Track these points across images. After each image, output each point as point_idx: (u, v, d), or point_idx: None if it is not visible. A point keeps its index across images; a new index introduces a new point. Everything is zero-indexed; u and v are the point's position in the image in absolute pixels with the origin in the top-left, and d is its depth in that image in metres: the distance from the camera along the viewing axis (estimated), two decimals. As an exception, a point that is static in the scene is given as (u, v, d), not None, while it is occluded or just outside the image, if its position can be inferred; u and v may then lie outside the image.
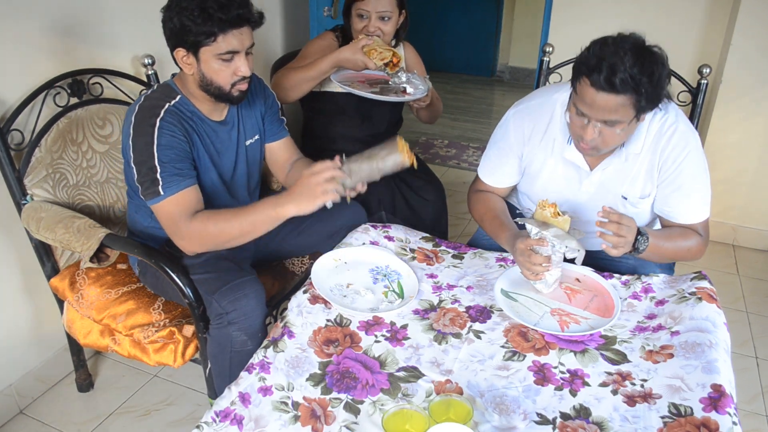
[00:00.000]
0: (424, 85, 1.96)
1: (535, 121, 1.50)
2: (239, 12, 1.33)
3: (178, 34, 1.34)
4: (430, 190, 2.16)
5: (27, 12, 1.63)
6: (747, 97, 2.54)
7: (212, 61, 1.36)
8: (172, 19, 1.33)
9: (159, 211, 1.40)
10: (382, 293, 1.41)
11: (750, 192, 2.69)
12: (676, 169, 1.39)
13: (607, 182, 1.46)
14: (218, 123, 1.51)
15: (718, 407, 1.03)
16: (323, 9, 2.58)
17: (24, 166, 1.60)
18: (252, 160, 1.63)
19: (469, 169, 3.64)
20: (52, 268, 1.68)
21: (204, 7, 1.30)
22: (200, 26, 1.31)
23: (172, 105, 1.42)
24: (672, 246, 1.41)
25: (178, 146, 1.38)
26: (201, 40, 1.33)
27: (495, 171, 1.61)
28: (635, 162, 1.42)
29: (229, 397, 1.12)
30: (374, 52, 1.80)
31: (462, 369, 1.18)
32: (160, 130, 1.36)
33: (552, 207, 1.32)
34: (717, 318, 1.24)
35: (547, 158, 1.50)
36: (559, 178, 1.51)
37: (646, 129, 1.39)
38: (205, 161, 1.49)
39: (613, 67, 1.17)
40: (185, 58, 1.38)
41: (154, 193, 1.37)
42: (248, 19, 1.36)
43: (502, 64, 5.68)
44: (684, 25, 2.57)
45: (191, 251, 1.42)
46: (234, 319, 1.38)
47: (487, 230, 1.57)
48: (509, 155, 1.56)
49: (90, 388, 1.90)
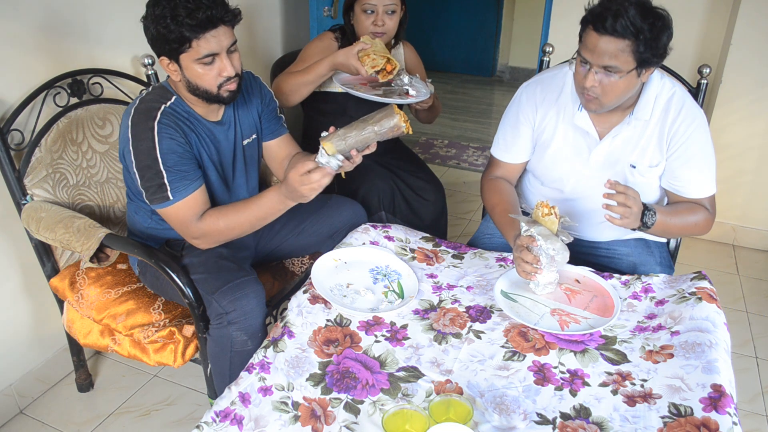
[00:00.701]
0: (426, 88, 1.97)
1: (546, 91, 1.55)
2: (208, 14, 1.28)
3: (158, 43, 1.33)
4: (430, 190, 2.16)
5: (27, 12, 1.63)
6: (747, 97, 2.54)
7: (194, 66, 1.34)
8: (149, 29, 1.32)
9: (168, 214, 1.40)
10: (382, 293, 1.41)
11: (750, 192, 2.69)
12: (686, 141, 1.42)
13: (616, 151, 1.48)
14: (215, 123, 1.50)
15: (718, 407, 1.03)
16: (323, 9, 2.57)
17: (24, 166, 1.60)
18: (250, 160, 1.63)
19: (469, 169, 3.64)
20: (52, 268, 1.69)
21: (174, 15, 1.27)
22: (173, 33, 1.29)
23: (168, 106, 1.41)
24: (680, 221, 1.43)
25: (179, 148, 1.38)
26: (177, 47, 1.31)
27: (509, 146, 1.62)
28: (645, 130, 1.45)
29: (229, 397, 1.12)
30: (367, 58, 1.79)
31: (462, 369, 1.18)
32: (159, 133, 1.36)
33: (546, 207, 1.32)
34: (717, 318, 1.24)
35: (557, 125, 1.53)
36: (569, 147, 1.53)
37: (654, 97, 1.42)
38: (205, 161, 1.49)
39: (616, 13, 1.25)
40: (170, 65, 1.37)
41: (163, 198, 1.37)
42: (221, 18, 1.31)
43: (502, 64, 5.68)
44: (684, 25, 2.57)
45: (203, 248, 1.47)
46: (234, 318, 1.38)
47: (495, 221, 1.57)
48: (523, 126, 1.58)
49: (90, 388, 1.90)
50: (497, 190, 1.60)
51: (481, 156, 3.83)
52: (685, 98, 1.44)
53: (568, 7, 2.74)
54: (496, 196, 1.59)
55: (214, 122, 1.50)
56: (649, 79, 1.41)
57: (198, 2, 1.28)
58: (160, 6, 1.28)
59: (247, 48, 2.54)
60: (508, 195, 1.58)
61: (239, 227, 1.43)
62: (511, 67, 5.64)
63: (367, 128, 1.28)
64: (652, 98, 1.42)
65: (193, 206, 1.40)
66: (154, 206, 1.40)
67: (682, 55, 2.60)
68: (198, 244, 1.45)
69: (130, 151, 1.37)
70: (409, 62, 2.19)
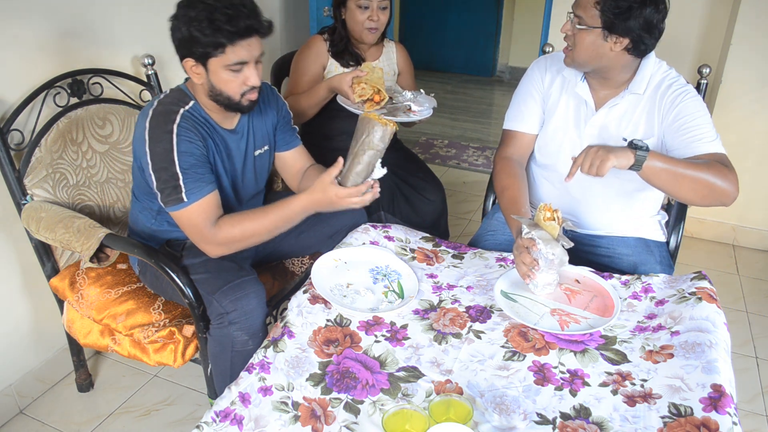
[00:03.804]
0: (430, 102, 2.00)
1: (554, 60, 1.64)
2: (248, 23, 1.31)
3: (187, 45, 1.33)
4: (431, 190, 2.16)
5: (27, 12, 1.63)
6: (747, 97, 2.54)
7: (221, 72, 1.35)
8: (180, 29, 1.32)
9: (181, 217, 1.38)
10: (382, 293, 1.41)
11: (750, 192, 2.69)
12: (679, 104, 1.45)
13: (609, 124, 1.54)
14: (229, 131, 1.50)
15: (718, 407, 1.03)
16: (323, 9, 2.58)
17: (24, 166, 1.60)
18: (260, 170, 1.63)
19: (469, 169, 3.64)
20: (52, 268, 1.69)
21: (212, 19, 1.27)
22: (209, 38, 1.29)
23: (186, 110, 1.40)
24: (691, 173, 1.31)
25: (197, 152, 1.38)
26: (210, 51, 1.32)
27: (521, 115, 1.66)
28: (637, 105, 1.50)
29: (229, 397, 1.12)
30: (357, 87, 1.85)
31: (462, 369, 1.18)
32: (178, 136, 1.35)
33: (549, 210, 1.33)
34: (717, 318, 1.24)
35: (561, 94, 1.61)
36: (569, 117, 1.59)
37: (650, 75, 1.49)
38: (219, 168, 1.49)
39: None
40: (194, 68, 1.36)
41: (177, 200, 1.36)
42: (257, 30, 1.34)
43: (502, 64, 5.68)
44: (684, 25, 2.57)
45: (216, 255, 1.43)
46: (235, 318, 1.38)
47: (502, 206, 1.58)
48: (533, 94, 1.65)
49: (90, 388, 1.90)
50: (509, 173, 1.61)
51: (481, 156, 3.83)
52: (679, 78, 1.49)
53: (568, 7, 2.73)
54: (508, 179, 1.60)
55: (228, 130, 1.50)
56: (647, 58, 1.47)
57: (238, 10, 1.29)
58: (197, 9, 1.28)
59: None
60: (520, 180, 1.60)
61: (257, 235, 1.41)
62: (511, 67, 5.65)
63: (368, 153, 1.36)
64: (648, 75, 1.49)
65: (206, 209, 1.38)
66: (169, 209, 1.38)
67: (682, 54, 2.60)
68: (211, 251, 1.42)
69: (146, 153, 1.36)
70: (401, 65, 2.21)
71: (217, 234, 1.38)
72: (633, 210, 1.62)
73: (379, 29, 2.00)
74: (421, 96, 2.03)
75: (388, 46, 2.17)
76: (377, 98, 1.87)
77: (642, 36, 1.38)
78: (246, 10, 1.31)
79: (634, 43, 1.40)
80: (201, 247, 1.42)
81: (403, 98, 1.97)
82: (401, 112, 1.93)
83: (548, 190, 1.68)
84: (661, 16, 1.39)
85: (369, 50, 2.11)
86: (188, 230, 1.40)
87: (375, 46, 2.12)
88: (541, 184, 1.70)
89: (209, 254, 1.42)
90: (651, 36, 1.39)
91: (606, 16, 1.37)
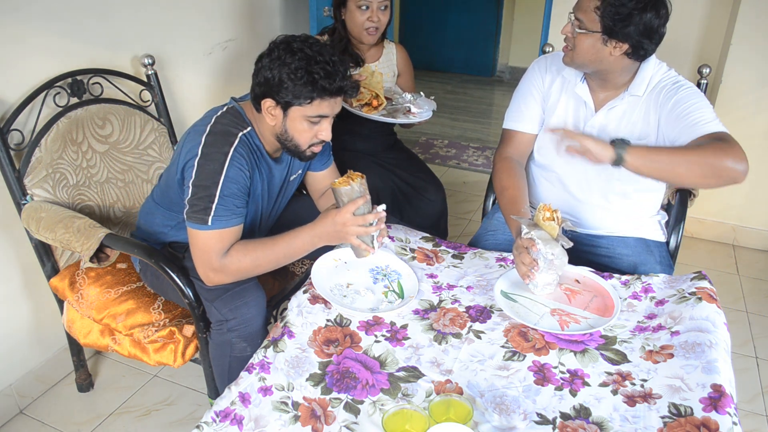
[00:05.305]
0: (429, 105, 2.01)
1: (554, 60, 1.64)
2: (342, 84, 1.32)
3: (274, 88, 1.31)
4: (431, 190, 2.16)
5: (27, 12, 1.63)
6: (747, 97, 2.54)
7: (299, 121, 1.35)
8: (271, 70, 1.30)
9: (197, 237, 1.34)
10: (382, 293, 1.41)
11: (750, 192, 2.69)
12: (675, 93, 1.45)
13: (608, 126, 1.54)
14: (274, 160, 1.49)
15: (718, 407, 1.03)
16: (323, 9, 2.57)
17: (24, 166, 1.60)
18: (288, 193, 1.63)
19: (469, 169, 3.64)
20: (52, 268, 1.69)
21: (310, 71, 1.28)
22: (300, 88, 1.29)
23: (244, 134, 1.38)
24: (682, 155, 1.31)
25: (242, 181, 1.36)
26: (296, 100, 1.31)
27: (521, 114, 1.67)
28: (636, 106, 1.50)
29: (229, 397, 1.12)
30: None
31: (462, 369, 1.18)
32: (231, 160, 1.33)
33: (549, 210, 1.33)
34: (717, 318, 1.24)
35: (561, 94, 1.61)
36: (569, 118, 1.60)
37: (650, 77, 1.49)
38: (257, 195, 1.47)
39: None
40: (271, 109, 1.35)
41: (201, 221, 1.32)
42: (346, 92, 1.35)
43: (502, 64, 5.68)
44: (684, 25, 2.57)
45: (213, 284, 1.38)
46: (234, 326, 1.39)
47: (501, 206, 1.58)
48: (533, 94, 1.65)
49: (90, 388, 1.90)
50: (509, 173, 1.61)
51: (481, 156, 3.83)
52: (679, 77, 1.50)
53: (568, 7, 2.73)
54: (507, 179, 1.60)
55: (274, 159, 1.49)
56: (647, 60, 1.47)
57: (336, 69, 1.31)
58: (296, 57, 1.28)
59: (247, 48, 2.54)
60: (520, 181, 1.60)
61: (265, 264, 1.38)
62: (511, 67, 5.64)
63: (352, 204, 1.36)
64: (648, 77, 1.49)
65: (223, 240, 1.34)
66: (189, 223, 1.34)
67: (682, 54, 2.60)
68: (212, 278, 1.36)
69: (194, 166, 1.33)
70: (401, 65, 2.21)
71: (224, 263, 1.34)
72: (633, 210, 1.62)
73: (379, 30, 2.00)
74: (421, 99, 2.03)
75: (388, 47, 2.17)
76: (375, 103, 1.88)
77: (642, 41, 1.38)
78: (342, 70, 1.32)
79: (633, 48, 1.40)
80: (201, 272, 1.36)
81: (402, 100, 1.98)
82: (401, 114, 1.94)
83: (547, 190, 1.68)
84: (662, 21, 1.38)
85: (369, 51, 2.11)
86: (197, 252, 1.36)
87: (375, 46, 2.12)
88: (540, 184, 1.70)
89: (206, 281, 1.37)
90: (651, 41, 1.39)
91: (606, 21, 1.37)
